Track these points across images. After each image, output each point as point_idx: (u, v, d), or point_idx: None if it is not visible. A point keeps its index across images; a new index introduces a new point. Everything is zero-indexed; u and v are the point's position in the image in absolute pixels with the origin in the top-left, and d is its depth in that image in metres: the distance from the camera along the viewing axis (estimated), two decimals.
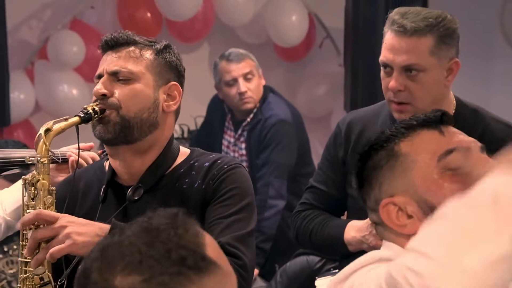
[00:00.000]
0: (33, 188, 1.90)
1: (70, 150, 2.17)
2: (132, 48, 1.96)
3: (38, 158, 1.90)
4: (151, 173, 1.96)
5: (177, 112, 2.01)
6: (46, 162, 1.90)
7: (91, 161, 2.17)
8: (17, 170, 2.29)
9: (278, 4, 5.19)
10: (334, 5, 5.11)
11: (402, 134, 1.45)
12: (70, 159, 2.16)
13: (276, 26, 5.16)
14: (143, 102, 1.93)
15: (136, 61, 1.95)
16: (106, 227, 1.82)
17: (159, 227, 1.07)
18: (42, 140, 1.90)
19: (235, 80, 4.10)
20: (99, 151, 2.26)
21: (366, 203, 1.48)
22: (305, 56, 5.47)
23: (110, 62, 1.95)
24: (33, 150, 2.07)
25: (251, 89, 4.10)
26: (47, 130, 1.90)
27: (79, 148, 2.06)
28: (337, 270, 2.68)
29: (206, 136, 4.43)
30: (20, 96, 4.92)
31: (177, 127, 5.26)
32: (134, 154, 1.96)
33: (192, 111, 5.12)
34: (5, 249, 3.63)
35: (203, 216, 1.91)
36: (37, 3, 5.26)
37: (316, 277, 3.24)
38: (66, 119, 1.91)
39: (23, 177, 1.94)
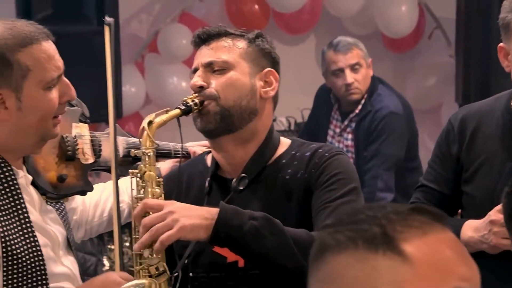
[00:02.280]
0: (141, 180, 1.90)
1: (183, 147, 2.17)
2: (224, 38, 1.98)
3: (144, 150, 1.90)
4: (255, 162, 1.97)
5: (275, 100, 2.02)
6: (151, 154, 1.90)
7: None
8: None
9: None
10: None
11: None
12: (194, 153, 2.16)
13: (385, 17, 5.09)
14: (240, 89, 1.94)
15: (229, 50, 1.96)
16: (214, 210, 1.80)
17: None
18: (146, 132, 1.90)
19: (341, 71, 4.03)
20: None
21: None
22: (414, 47, 5.37)
23: (204, 55, 1.97)
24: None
25: (358, 80, 4.02)
26: (150, 123, 1.90)
27: (182, 140, 2.06)
28: None
29: (312, 126, 4.38)
30: (131, 89, 5.02)
31: (283, 119, 5.26)
32: (236, 145, 1.96)
33: (299, 103, 5.11)
34: None
35: (308, 205, 1.90)
36: None
37: None
38: (167, 111, 1.92)
39: (130, 170, 1.95)
